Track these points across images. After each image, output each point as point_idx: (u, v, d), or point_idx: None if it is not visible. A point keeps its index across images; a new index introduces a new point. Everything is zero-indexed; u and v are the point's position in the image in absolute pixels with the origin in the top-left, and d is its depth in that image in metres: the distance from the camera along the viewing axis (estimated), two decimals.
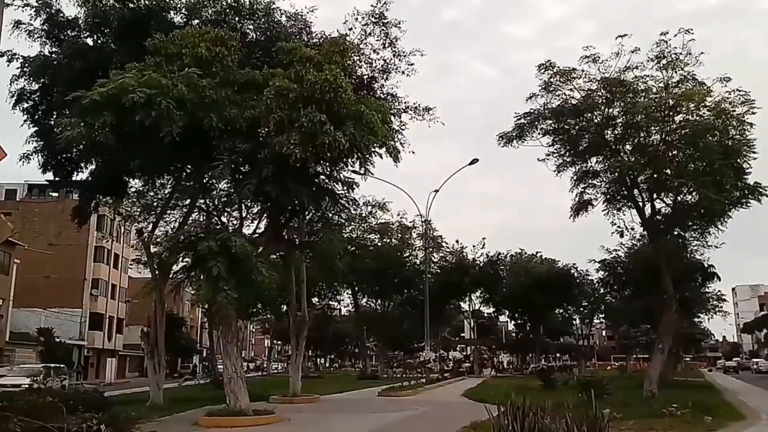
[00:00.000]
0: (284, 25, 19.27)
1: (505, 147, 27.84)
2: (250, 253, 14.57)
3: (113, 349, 61.02)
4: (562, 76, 26.07)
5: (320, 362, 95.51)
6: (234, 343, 16.60)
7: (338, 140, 14.04)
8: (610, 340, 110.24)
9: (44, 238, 49.62)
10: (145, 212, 26.35)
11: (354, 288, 49.28)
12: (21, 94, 18.87)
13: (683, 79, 24.82)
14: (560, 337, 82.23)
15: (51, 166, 19.51)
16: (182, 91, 13.62)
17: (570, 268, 54.56)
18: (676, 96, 24.31)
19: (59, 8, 18.81)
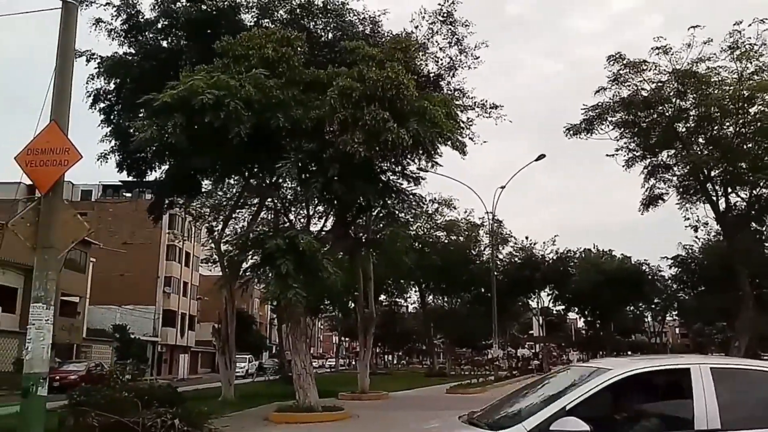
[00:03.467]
0: (355, 25, 19.35)
1: (572, 138, 27.29)
2: (317, 250, 14.69)
3: (185, 345, 62.92)
4: (632, 68, 25.39)
5: (388, 359, 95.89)
6: (303, 339, 16.82)
7: (401, 137, 13.98)
8: (683, 338, 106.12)
9: (118, 237, 51.82)
10: (215, 211, 27.07)
11: (421, 285, 49.19)
12: (97, 94, 19.48)
13: (758, 69, 23.78)
14: (631, 335, 79.80)
15: (126, 166, 20.23)
16: (250, 92, 13.85)
17: (641, 264, 52.97)
18: (750, 87, 23.30)
19: (139, 9, 19.41)
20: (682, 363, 4.79)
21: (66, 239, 8.58)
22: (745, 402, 4.63)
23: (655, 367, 4.98)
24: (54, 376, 20.71)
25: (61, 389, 18.12)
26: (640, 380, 4.78)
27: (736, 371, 4.82)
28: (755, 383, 4.67)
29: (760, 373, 4.73)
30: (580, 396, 4.38)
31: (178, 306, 62.99)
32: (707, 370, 4.45)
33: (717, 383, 4.37)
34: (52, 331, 7.97)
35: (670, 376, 4.75)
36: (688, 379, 4.41)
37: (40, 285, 7.93)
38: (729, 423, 4.24)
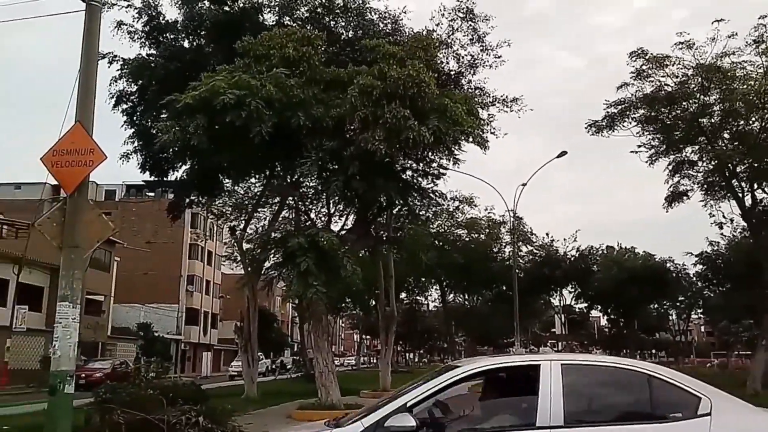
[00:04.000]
0: (376, 23, 19.34)
1: (594, 136, 27.03)
2: (338, 248, 14.73)
3: (208, 343, 63.48)
4: (655, 63, 25.02)
5: (409, 357, 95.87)
6: (324, 337, 16.87)
7: (422, 134, 13.95)
8: (709, 337, 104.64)
9: (142, 236, 52.37)
10: (237, 211, 27.26)
11: (442, 283, 49.10)
12: (120, 95, 19.70)
13: None
14: (656, 333, 78.85)
15: (148, 166, 20.44)
16: (270, 91, 13.90)
17: (665, 261, 52.33)
18: None
19: (160, 11, 19.60)
20: (533, 360, 4.74)
21: (91, 239, 8.69)
22: (592, 398, 4.59)
23: (504, 364, 4.98)
24: (80, 374, 21.01)
25: (87, 387, 18.42)
26: (490, 377, 4.83)
27: (587, 368, 4.76)
28: (604, 379, 4.61)
29: (610, 369, 4.66)
30: (423, 393, 4.40)
31: (201, 304, 63.56)
32: (557, 366, 4.43)
33: (566, 380, 4.33)
34: (78, 329, 8.08)
35: (520, 373, 4.70)
36: (537, 375, 4.38)
37: (67, 284, 8.03)
38: (573, 419, 4.20)
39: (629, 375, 4.52)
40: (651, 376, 4.41)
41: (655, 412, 4.33)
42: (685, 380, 4.43)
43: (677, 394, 4.31)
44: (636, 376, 4.47)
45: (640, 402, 4.43)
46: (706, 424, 4.11)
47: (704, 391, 4.32)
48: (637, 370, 4.53)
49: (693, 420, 4.16)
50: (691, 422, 4.16)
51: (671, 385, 4.35)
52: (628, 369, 4.57)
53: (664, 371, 4.54)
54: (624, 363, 4.72)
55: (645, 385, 4.39)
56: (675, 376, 4.48)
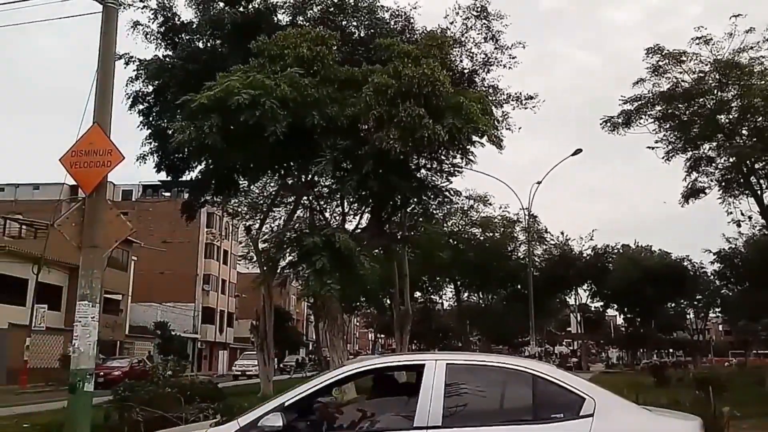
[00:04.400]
0: (387, 21, 19.35)
1: (610, 133, 26.86)
2: (353, 247, 14.78)
3: (224, 342, 63.84)
4: (671, 59, 24.82)
5: None
6: (340, 336, 16.95)
7: (437, 133, 13.96)
8: (727, 335, 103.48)
9: (158, 235, 52.76)
10: (252, 210, 27.38)
11: (456, 282, 49.00)
12: (137, 96, 19.78)
13: None
14: (673, 332, 78.11)
15: (164, 166, 20.56)
16: (285, 90, 13.96)
17: (683, 259, 51.85)
18: None
19: (176, 12, 19.71)
20: (418, 359, 4.68)
21: (110, 238, 8.79)
22: (475, 398, 4.51)
23: (389, 364, 4.93)
24: (99, 372, 21.22)
25: (105, 385, 18.60)
26: (378, 377, 4.79)
27: (472, 367, 4.69)
28: (488, 379, 4.56)
29: (495, 368, 4.61)
30: (301, 393, 4.37)
31: (217, 303, 63.93)
32: (442, 366, 4.36)
33: (449, 380, 4.28)
34: (97, 328, 8.17)
35: (405, 372, 4.67)
36: (421, 375, 4.33)
37: (86, 283, 8.13)
38: (451, 420, 4.14)
39: (514, 375, 4.46)
40: (536, 376, 4.34)
41: (538, 412, 4.25)
42: (572, 381, 4.37)
43: (562, 395, 4.25)
44: (521, 376, 4.40)
45: (523, 402, 4.36)
46: (588, 424, 4.05)
47: (590, 391, 4.25)
48: (522, 370, 4.45)
49: (575, 421, 4.10)
50: (572, 423, 4.11)
51: (556, 386, 4.28)
52: (513, 369, 4.50)
53: (551, 371, 4.47)
54: (510, 363, 4.65)
55: (529, 386, 4.32)
56: (561, 376, 4.41)
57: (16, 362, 29.10)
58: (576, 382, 4.35)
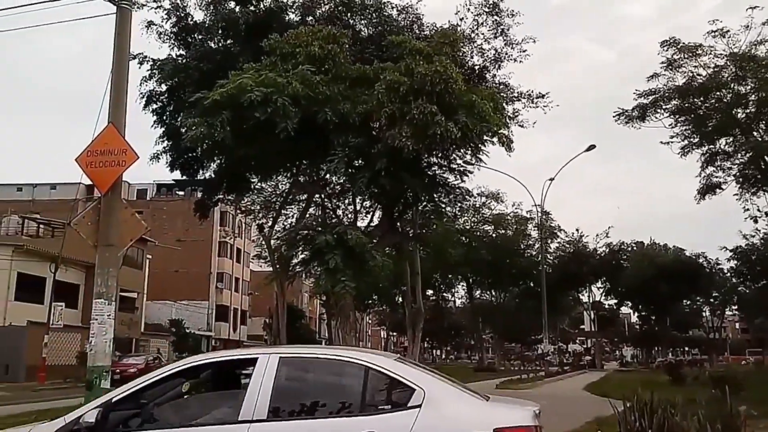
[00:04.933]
0: (395, 19, 19.37)
1: (623, 126, 26.65)
2: (365, 244, 14.82)
3: (238, 339, 64.12)
4: (686, 52, 24.57)
5: (436, 354, 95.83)
6: (352, 334, 17.01)
7: (450, 130, 13.96)
8: (744, 333, 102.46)
9: (172, 234, 53.16)
10: (265, 208, 27.52)
11: (468, 279, 48.94)
12: (150, 95, 19.96)
13: None
14: (688, 330, 77.52)
15: (178, 165, 20.73)
16: (297, 88, 14.02)
17: (698, 256, 51.43)
18: None
19: (189, 12, 19.85)
20: (251, 353, 4.65)
21: (125, 237, 8.87)
22: (305, 391, 4.52)
23: (223, 358, 4.90)
24: (115, 369, 21.52)
25: (122, 381, 18.75)
26: (214, 372, 4.76)
27: (304, 360, 4.68)
28: (320, 372, 4.54)
29: (328, 361, 4.59)
30: (129, 389, 4.35)
31: (230, 301, 64.28)
32: (275, 359, 4.34)
33: (280, 373, 4.26)
34: (113, 325, 8.27)
35: (239, 367, 4.63)
36: (253, 369, 4.31)
37: (102, 281, 8.23)
38: (278, 413, 4.14)
39: (346, 367, 4.43)
40: (369, 368, 4.30)
41: (366, 404, 4.24)
42: (404, 372, 4.31)
43: (393, 386, 4.24)
44: (353, 368, 4.36)
45: (353, 394, 4.32)
46: (413, 415, 4.03)
47: (421, 382, 4.20)
48: (354, 362, 4.41)
49: (402, 412, 4.08)
50: (398, 414, 4.09)
51: (388, 377, 4.26)
52: (346, 361, 4.46)
53: (384, 363, 4.40)
54: (343, 355, 4.60)
55: (361, 378, 4.28)
56: (394, 367, 4.36)
57: (35, 359, 29.44)
58: (409, 374, 4.29)
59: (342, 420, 4.15)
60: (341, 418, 4.16)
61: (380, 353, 5.14)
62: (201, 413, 4.48)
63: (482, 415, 4.13)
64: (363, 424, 4.03)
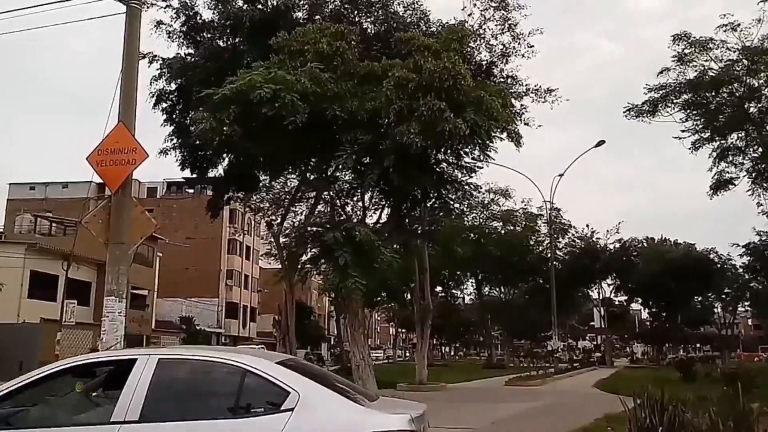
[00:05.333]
0: (401, 15, 19.36)
1: (633, 120, 26.51)
2: (374, 241, 14.83)
3: (248, 336, 64.47)
4: (697, 46, 24.41)
5: (445, 350, 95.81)
6: (361, 331, 17.03)
7: (458, 127, 13.93)
8: (756, 330, 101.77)
9: (182, 232, 53.47)
10: (274, 206, 27.61)
11: (477, 276, 48.88)
12: (160, 94, 20.03)
13: None
14: (700, 327, 77.09)
15: (188, 163, 20.84)
16: (305, 85, 14.03)
17: (709, 252, 51.09)
18: None
19: (197, 11, 19.94)
20: (131, 354, 4.66)
21: (135, 235, 8.95)
22: (180, 393, 4.50)
23: (103, 359, 4.91)
24: None
25: None
26: (88, 372, 4.73)
27: (183, 362, 4.68)
28: (198, 374, 4.53)
29: (206, 363, 4.59)
30: (10, 387, 4.33)
31: (240, 298, 64.59)
32: (153, 361, 4.34)
33: (157, 375, 4.25)
34: (125, 322, 8.35)
35: (117, 368, 4.58)
36: (131, 370, 4.30)
37: (113, 279, 8.31)
38: (150, 415, 4.12)
39: (223, 369, 4.44)
40: (246, 370, 4.31)
41: (239, 407, 4.24)
42: (281, 375, 4.31)
43: (268, 389, 4.23)
44: (231, 371, 4.37)
45: (228, 397, 4.33)
46: (284, 419, 4.03)
47: (297, 385, 4.21)
48: (232, 365, 4.41)
49: (274, 415, 4.09)
50: (269, 417, 4.09)
51: (264, 380, 4.26)
52: (224, 363, 4.47)
53: (262, 365, 4.39)
54: (221, 357, 4.60)
55: (237, 380, 4.30)
56: (272, 370, 4.35)
57: (48, 356, 29.62)
58: (286, 377, 4.29)
59: (212, 423, 4.15)
60: (212, 421, 4.15)
61: (266, 355, 5.13)
62: (78, 413, 4.48)
63: (355, 420, 4.13)
64: (232, 427, 4.08)
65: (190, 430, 4.12)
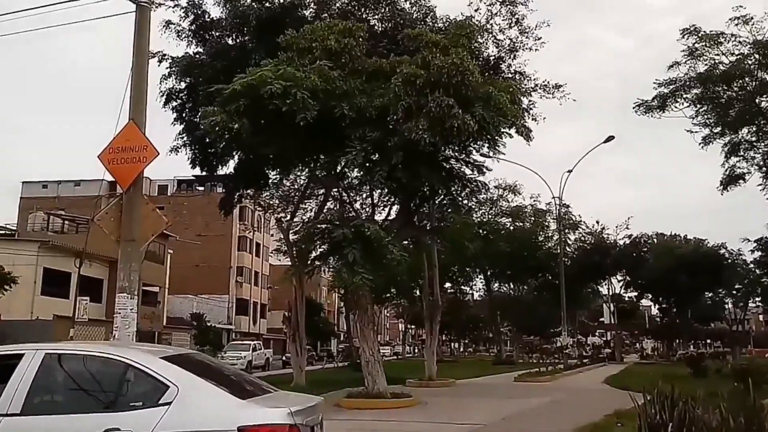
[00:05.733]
0: (408, 11, 19.37)
1: (643, 115, 26.40)
2: (383, 238, 14.85)
3: (258, 332, 64.72)
4: (708, 40, 24.23)
5: (454, 347, 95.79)
6: (370, 327, 17.07)
7: (467, 123, 13.92)
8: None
9: (193, 229, 53.73)
10: (283, 203, 27.70)
11: (486, 272, 48.82)
12: (170, 93, 20.19)
13: None
14: (710, 322, 76.66)
15: (198, 161, 20.97)
16: (315, 82, 14.06)
17: (720, 247, 50.78)
18: None
19: (205, 9, 20.05)
20: (20, 349, 4.67)
21: (146, 232, 9.03)
22: (63, 387, 4.59)
23: None
24: None
25: None
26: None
27: (69, 357, 4.71)
28: (82, 368, 4.57)
29: (90, 358, 4.64)
30: None
31: (250, 295, 64.86)
32: (40, 355, 4.41)
33: (44, 369, 4.32)
34: (136, 319, 8.43)
35: (5, 362, 4.61)
36: (18, 364, 4.37)
37: (125, 276, 8.40)
38: (32, 408, 4.20)
39: (107, 364, 4.50)
40: (129, 365, 4.38)
41: (120, 401, 4.30)
42: (162, 369, 4.36)
43: (149, 383, 4.29)
44: (114, 365, 4.44)
45: (109, 391, 4.40)
46: (161, 412, 4.09)
47: (176, 379, 4.26)
48: (115, 359, 4.48)
49: (151, 408, 4.14)
50: (146, 411, 4.15)
51: (146, 374, 4.32)
52: (108, 358, 4.54)
53: (145, 360, 4.46)
54: (105, 352, 4.67)
55: (120, 374, 4.37)
56: (153, 364, 4.42)
57: None
58: (166, 371, 4.36)
59: (91, 416, 4.20)
60: (90, 414, 4.21)
61: (154, 350, 5.18)
62: None
63: (230, 414, 4.17)
64: (110, 420, 4.11)
65: (69, 423, 4.19)
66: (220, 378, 4.78)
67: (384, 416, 13.70)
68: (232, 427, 4.04)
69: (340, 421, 11.35)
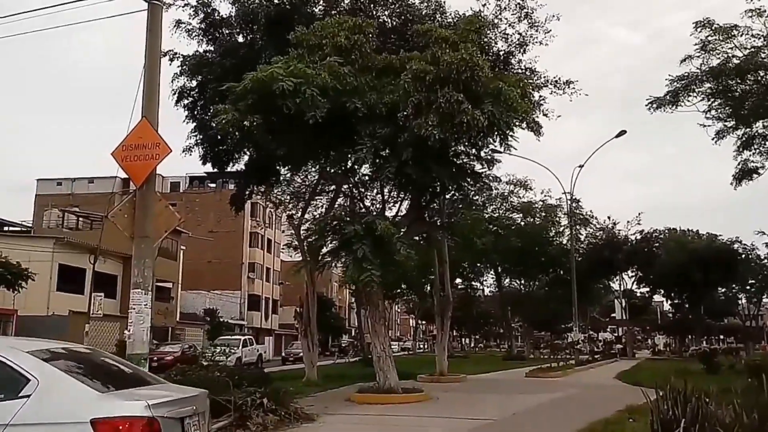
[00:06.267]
0: (418, 7, 19.35)
1: (655, 111, 26.21)
2: (393, 234, 14.88)
3: (270, 328, 65.10)
4: (721, 33, 23.99)
5: (465, 342, 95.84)
6: (381, 322, 17.12)
7: (477, 118, 13.88)
8: None
9: (205, 226, 54.10)
10: (294, 199, 27.81)
11: (497, 268, 48.78)
12: (181, 91, 20.30)
13: None
14: (723, 318, 76.17)
15: (209, 158, 21.09)
16: (325, 79, 14.08)
17: (732, 242, 50.37)
18: None
19: (215, 7, 20.13)
20: None
21: (159, 229, 9.13)
22: None
23: None
24: (152, 357, 21.99)
25: (160, 369, 19.25)
26: None
27: None
28: None
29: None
30: None
31: (262, 291, 65.20)
32: None
33: None
34: (150, 314, 8.54)
35: None
36: None
37: (139, 272, 8.50)
38: None
39: None
40: None
41: None
42: (25, 362, 4.40)
43: (10, 376, 4.33)
44: None
45: None
46: (19, 405, 4.14)
47: (38, 373, 4.31)
48: None
49: (10, 401, 4.19)
50: (5, 403, 4.20)
51: (8, 367, 4.36)
52: None
53: (8, 354, 4.50)
54: None
55: None
56: (17, 358, 4.46)
57: None
58: (28, 364, 4.41)
59: None
60: None
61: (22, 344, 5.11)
62: None
63: (86, 406, 4.21)
64: None
65: None
66: (89, 372, 4.81)
67: (395, 411, 13.76)
68: (85, 420, 4.10)
69: (351, 416, 11.44)
